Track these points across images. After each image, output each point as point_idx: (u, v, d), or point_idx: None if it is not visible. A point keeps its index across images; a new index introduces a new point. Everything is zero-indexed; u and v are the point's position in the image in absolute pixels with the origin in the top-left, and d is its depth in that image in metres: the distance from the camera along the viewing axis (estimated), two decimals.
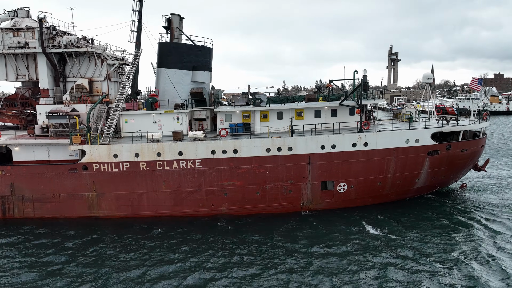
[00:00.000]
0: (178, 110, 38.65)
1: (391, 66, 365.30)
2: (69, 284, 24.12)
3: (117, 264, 26.65)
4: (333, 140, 35.24)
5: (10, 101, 44.02)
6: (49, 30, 41.00)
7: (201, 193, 35.57)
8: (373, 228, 31.77)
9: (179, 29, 43.34)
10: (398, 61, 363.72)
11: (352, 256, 26.70)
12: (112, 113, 37.31)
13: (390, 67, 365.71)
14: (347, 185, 36.22)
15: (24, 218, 35.96)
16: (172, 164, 35.12)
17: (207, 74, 43.26)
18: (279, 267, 25.50)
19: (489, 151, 65.59)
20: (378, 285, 22.96)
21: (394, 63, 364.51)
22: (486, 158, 45.52)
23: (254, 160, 35.09)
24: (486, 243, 28.08)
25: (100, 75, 41.92)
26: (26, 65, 41.91)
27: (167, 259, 27.15)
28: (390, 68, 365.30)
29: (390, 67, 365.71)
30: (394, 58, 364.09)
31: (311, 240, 29.71)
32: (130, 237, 31.32)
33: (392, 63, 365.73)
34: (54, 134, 37.42)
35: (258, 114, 38.92)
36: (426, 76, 44.24)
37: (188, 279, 24.23)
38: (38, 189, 35.66)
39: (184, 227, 33.03)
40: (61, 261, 27.28)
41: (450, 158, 37.55)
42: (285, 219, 34.29)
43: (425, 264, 25.20)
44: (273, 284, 23.43)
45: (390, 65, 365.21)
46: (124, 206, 35.78)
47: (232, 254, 27.60)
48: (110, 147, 35.01)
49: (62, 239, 31.32)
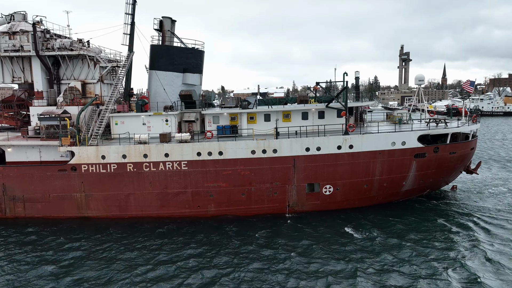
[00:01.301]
0: (167, 112, 39.16)
1: (402, 66, 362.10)
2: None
3: (95, 265, 27.22)
4: (318, 143, 35.29)
5: (7, 102, 45.12)
6: (43, 34, 41.91)
7: (187, 194, 35.99)
8: (356, 230, 31.75)
9: (171, 31, 43.88)
10: (409, 61, 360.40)
11: (329, 260, 26.76)
12: (102, 115, 37.98)
13: (401, 67, 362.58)
14: (332, 188, 36.24)
15: (15, 217, 36.89)
16: (159, 166, 35.61)
17: (197, 76, 43.72)
18: (260, 271, 25.71)
19: (490, 153, 64.69)
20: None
21: (406, 63, 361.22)
22: (478, 161, 44.91)
23: (239, 162, 35.37)
24: (471, 245, 27.94)
25: (93, 78, 42.68)
26: (21, 67, 42.90)
27: (154, 261, 27.62)
28: (401, 68, 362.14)
29: (401, 67, 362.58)
30: (405, 58, 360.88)
31: (289, 243, 29.85)
32: (110, 239, 31.92)
33: (404, 63, 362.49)
34: (45, 136, 38.29)
35: (245, 116, 39.18)
36: (418, 78, 43.95)
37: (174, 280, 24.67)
38: (28, 190, 36.53)
39: (169, 227, 33.50)
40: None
41: (438, 160, 37.27)
42: (268, 221, 34.49)
43: (403, 266, 25.14)
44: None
45: (401, 65, 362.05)
46: (112, 207, 36.42)
47: (207, 257, 27.93)
48: (98, 148, 35.67)
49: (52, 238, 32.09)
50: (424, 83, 44.30)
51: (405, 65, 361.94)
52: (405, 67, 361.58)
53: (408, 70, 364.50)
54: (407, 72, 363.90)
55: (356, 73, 46.26)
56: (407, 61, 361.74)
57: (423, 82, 43.94)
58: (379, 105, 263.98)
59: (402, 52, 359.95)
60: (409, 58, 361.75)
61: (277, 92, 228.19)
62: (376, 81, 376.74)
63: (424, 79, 44.15)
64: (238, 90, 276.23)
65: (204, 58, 45.40)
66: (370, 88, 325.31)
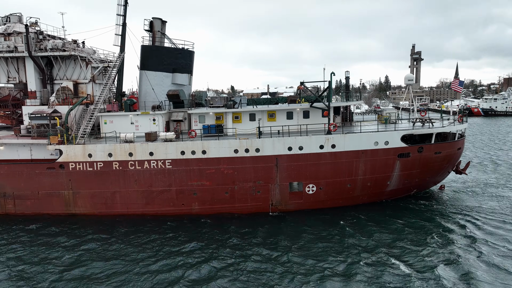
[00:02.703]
0: (154, 112, 39.79)
1: (414, 66, 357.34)
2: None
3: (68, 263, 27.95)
4: (300, 142, 35.48)
5: (3, 102, 46.34)
6: (36, 35, 42.96)
7: (171, 192, 36.54)
8: (338, 229, 31.83)
9: (161, 32, 44.51)
10: (421, 60, 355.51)
11: (304, 258, 27.00)
12: (90, 114, 38.80)
13: (412, 66, 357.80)
14: (315, 187, 36.38)
15: (6, 214, 37.97)
16: (144, 164, 36.25)
17: (186, 76, 44.27)
18: (235, 269, 26.09)
19: (497, 154, 63.79)
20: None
21: (417, 62, 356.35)
22: (467, 161, 44.50)
23: (222, 161, 35.77)
24: (449, 245, 27.87)
25: (85, 78, 43.62)
26: (16, 68, 44.09)
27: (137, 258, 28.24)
28: (413, 67, 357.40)
29: (412, 66, 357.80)
30: (417, 58, 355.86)
31: (266, 241, 30.15)
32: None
33: (415, 63, 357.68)
34: (36, 134, 39.29)
35: (230, 115, 39.58)
36: (408, 77, 43.77)
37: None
38: (18, 187, 37.55)
39: (152, 226, 34.14)
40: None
41: (423, 160, 37.08)
42: (249, 219, 34.82)
43: (379, 266, 25.26)
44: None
45: (413, 64, 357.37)
46: (99, 204, 37.19)
47: (182, 254, 28.42)
48: (85, 147, 36.48)
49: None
50: (413, 83, 44.00)
51: (417, 65, 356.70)
52: (416, 66, 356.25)
53: (419, 70, 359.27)
54: (419, 71, 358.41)
55: (346, 73, 46.37)
56: (418, 60, 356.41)
57: (412, 82, 43.69)
58: (390, 105, 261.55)
59: (413, 52, 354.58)
60: (420, 58, 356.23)
61: (286, 92, 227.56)
62: (387, 81, 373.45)
63: (413, 79, 43.95)
64: (248, 90, 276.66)
65: (194, 59, 45.94)
66: (380, 88, 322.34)
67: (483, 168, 52.80)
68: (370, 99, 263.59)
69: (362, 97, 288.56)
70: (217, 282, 24.00)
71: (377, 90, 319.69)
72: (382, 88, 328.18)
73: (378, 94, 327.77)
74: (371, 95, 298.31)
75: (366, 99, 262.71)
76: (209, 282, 24.08)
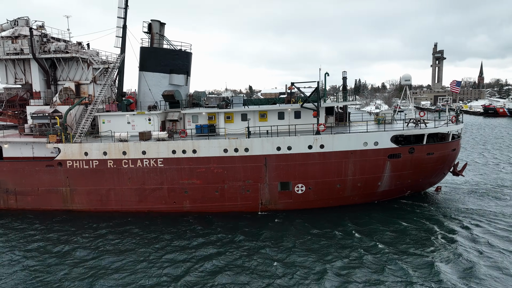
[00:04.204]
0: (149, 112, 40.84)
1: (436, 65, 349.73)
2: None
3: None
4: (288, 142, 35.75)
5: (11, 102, 48.40)
6: (40, 37, 44.71)
7: (163, 190, 37.47)
8: (328, 230, 31.93)
9: (159, 34, 45.56)
10: (443, 59, 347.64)
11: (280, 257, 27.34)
12: (87, 114, 40.18)
13: (434, 65, 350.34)
14: (305, 186, 36.57)
15: (8, 209, 39.78)
16: (137, 163, 37.31)
17: (182, 77, 45.15)
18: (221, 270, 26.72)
19: None
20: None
21: (439, 61, 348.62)
22: (464, 163, 43.64)
23: (212, 160, 36.43)
24: (446, 245, 27.75)
25: (86, 79, 45.10)
26: (22, 70, 46.00)
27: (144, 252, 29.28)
28: (435, 66, 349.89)
29: (434, 65, 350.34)
30: (439, 56, 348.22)
31: (249, 239, 30.63)
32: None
33: (437, 62, 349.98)
34: (38, 133, 40.97)
35: (222, 115, 40.22)
36: (404, 77, 43.29)
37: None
38: (20, 183, 39.29)
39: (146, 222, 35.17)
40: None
41: (414, 161, 36.70)
42: (236, 218, 35.35)
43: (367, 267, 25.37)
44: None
45: (435, 63, 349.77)
46: (94, 201, 38.50)
47: (165, 250, 29.23)
48: (81, 145, 37.83)
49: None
50: (410, 83, 43.49)
51: (439, 64, 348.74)
52: (438, 65, 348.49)
53: (442, 69, 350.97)
54: (441, 70, 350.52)
55: (343, 73, 46.26)
56: (440, 59, 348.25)
57: (410, 82, 43.17)
58: (410, 105, 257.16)
59: (435, 50, 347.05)
60: (443, 57, 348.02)
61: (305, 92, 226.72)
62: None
63: (410, 79, 43.37)
64: (266, 90, 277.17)
65: (191, 60, 46.81)
66: (400, 88, 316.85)
67: (494, 170, 51.55)
68: (390, 99, 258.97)
69: (382, 97, 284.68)
70: (186, 279, 24.64)
71: (397, 89, 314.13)
72: (402, 87, 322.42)
73: (399, 94, 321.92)
74: (391, 95, 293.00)
75: (386, 99, 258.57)
76: (185, 279, 24.76)
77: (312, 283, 23.45)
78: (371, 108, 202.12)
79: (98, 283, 24.30)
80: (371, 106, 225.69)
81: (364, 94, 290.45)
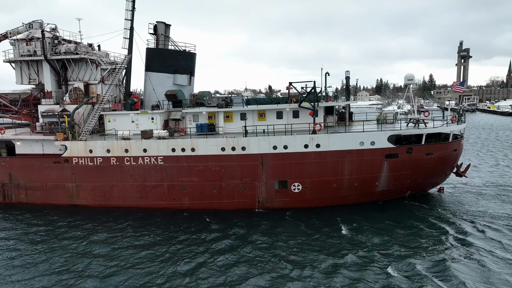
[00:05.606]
0: (152, 111, 42.03)
1: (461, 63, 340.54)
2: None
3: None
4: (285, 141, 36.14)
5: (25, 101, 50.67)
6: (52, 40, 46.65)
7: (163, 187, 38.54)
8: (323, 229, 32.13)
9: (164, 35, 46.74)
10: (469, 57, 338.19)
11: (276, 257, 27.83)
12: (93, 113, 41.72)
13: (459, 64, 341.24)
14: (301, 185, 36.87)
15: (19, 203, 41.80)
16: (138, 160, 38.52)
17: (185, 77, 46.19)
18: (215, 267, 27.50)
19: None
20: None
21: (465, 60, 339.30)
22: (467, 163, 42.87)
23: (210, 158, 37.22)
24: (443, 246, 27.67)
25: (95, 79, 46.77)
26: (36, 70, 48.10)
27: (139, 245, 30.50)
28: (460, 65, 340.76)
29: (459, 64, 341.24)
30: (464, 55, 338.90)
31: (242, 237, 31.25)
32: None
33: (462, 60, 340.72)
34: (48, 131, 42.83)
35: (222, 115, 40.98)
36: (408, 77, 42.78)
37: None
38: (30, 178, 41.23)
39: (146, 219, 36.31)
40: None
41: (413, 161, 36.43)
42: (233, 215, 36.01)
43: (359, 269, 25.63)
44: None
45: (460, 62, 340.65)
46: (98, 196, 39.97)
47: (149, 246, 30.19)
48: (86, 143, 39.36)
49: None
50: (413, 82, 42.99)
51: (464, 63, 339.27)
52: (464, 64, 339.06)
53: (467, 68, 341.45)
54: (466, 69, 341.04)
55: (346, 73, 46.25)
56: (466, 58, 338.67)
57: (412, 82, 42.66)
58: (434, 105, 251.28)
59: (461, 49, 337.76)
60: (469, 55, 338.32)
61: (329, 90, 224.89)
62: (431, 80, 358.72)
63: (413, 78, 42.83)
64: (285, 89, 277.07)
65: (195, 60, 47.81)
66: (424, 87, 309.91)
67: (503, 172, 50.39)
68: (413, 99, 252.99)
69: (405, 96, 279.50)
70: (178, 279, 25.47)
71: (421, 89, 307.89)
72: (426, 87, 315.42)
73: (422, 94, 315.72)
74: (414, 94, 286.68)
75: (408, 99, 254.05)
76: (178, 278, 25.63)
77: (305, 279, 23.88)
78: (393, 107, 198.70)
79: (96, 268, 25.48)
80: (393, 105, 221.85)
81: (386, 93, 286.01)
